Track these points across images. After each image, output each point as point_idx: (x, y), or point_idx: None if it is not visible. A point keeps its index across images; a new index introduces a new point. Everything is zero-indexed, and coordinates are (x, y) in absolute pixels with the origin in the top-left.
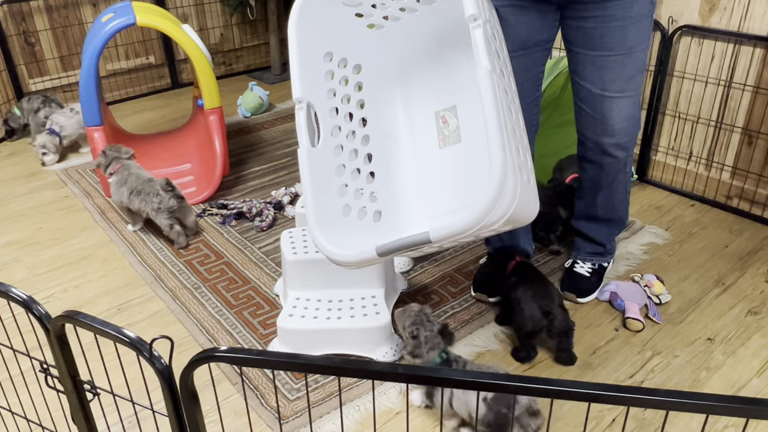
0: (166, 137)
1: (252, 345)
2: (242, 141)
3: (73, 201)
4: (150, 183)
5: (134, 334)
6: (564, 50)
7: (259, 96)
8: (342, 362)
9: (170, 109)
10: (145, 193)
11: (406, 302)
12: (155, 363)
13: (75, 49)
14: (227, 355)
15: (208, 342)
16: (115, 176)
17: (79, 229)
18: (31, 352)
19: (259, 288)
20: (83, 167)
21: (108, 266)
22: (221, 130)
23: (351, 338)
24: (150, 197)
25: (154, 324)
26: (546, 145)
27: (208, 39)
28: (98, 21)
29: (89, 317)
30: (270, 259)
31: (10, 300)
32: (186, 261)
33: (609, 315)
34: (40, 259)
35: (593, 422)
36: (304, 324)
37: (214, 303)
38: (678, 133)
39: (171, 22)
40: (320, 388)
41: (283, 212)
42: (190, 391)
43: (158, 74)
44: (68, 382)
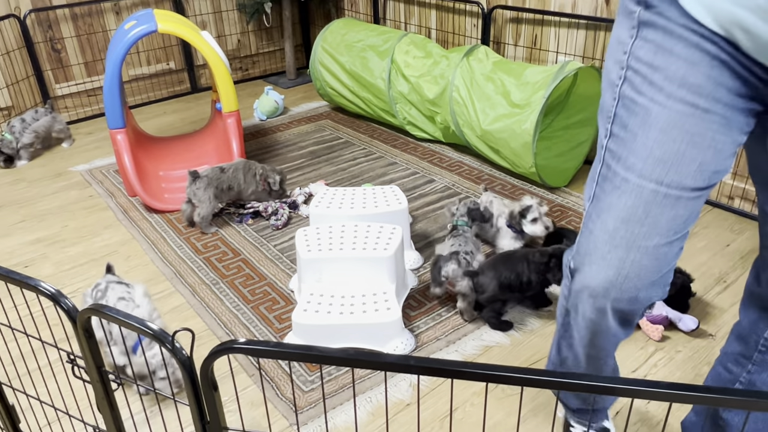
0: (186, 139)
1: (268, 339)
2: (258, 143)
3: (97, 200)
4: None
5: (157, 326)
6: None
7: (275, 100)
8: (356, 354)
9: (190, 113)
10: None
11: (416, 299)
12: (177, 354)
13: (99, 55)
14: (246, 346)
15: (226, 335)
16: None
17: (102, 227)
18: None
19: (275, 284)
20: (107, 168)
21: (130, 262)
22: (238, 132)
23: (363, 332)
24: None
25: (175, 318)
26: (551, 148)
27: (226, 45)
28: (121, 28)
29: (114, 310)
30: (285, 257)
31: (39, 294)
32: (205, 258)
33: None
34: (66, 255)
35: None
36: (318, 319)
37: (232, 298)
38: None
39: (190, 29)
40: (333, 380)
41: (297, 211)
42: (210, 381)
43: (178, 79)
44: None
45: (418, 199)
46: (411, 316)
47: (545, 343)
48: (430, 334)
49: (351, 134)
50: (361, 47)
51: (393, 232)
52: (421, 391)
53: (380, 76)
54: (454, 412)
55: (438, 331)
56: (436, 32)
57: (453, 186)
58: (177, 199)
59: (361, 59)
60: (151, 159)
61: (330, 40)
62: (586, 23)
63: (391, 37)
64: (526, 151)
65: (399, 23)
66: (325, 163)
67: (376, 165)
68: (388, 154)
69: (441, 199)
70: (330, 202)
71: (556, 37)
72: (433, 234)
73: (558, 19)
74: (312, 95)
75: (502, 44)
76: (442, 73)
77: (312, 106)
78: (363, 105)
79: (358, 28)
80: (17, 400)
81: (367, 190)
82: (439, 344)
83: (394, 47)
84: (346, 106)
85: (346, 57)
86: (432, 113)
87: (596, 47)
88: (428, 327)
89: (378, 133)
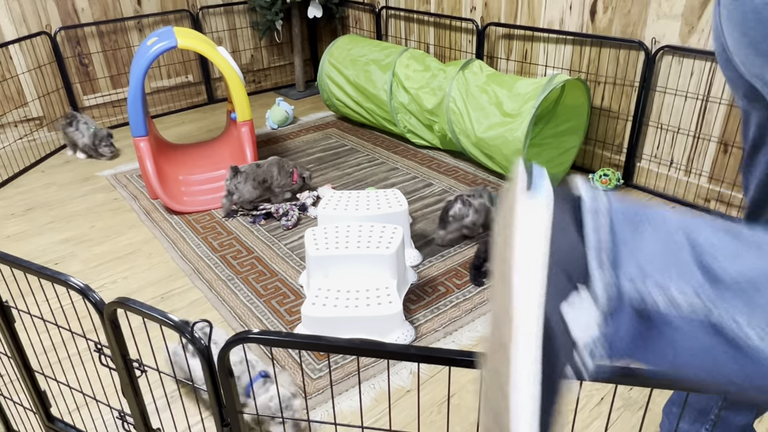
0: (203, 146)
1: (279, 330)
2: (270, 150)
3: (121, 203)
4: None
5: (178, 318)
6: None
7: (285, 110)
8: (361, 343)
9: (206, 122)
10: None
11: (416, 293)
12: (196, 343)
13: (123, 69)
14: (260, 336)
15: (240, 327)
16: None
17: (126, 227)
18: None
19: (286, 279)
20: (131, 173)
21: (152, 260)
22: (252, 140)
23: (367, 324)
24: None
25: (193, 311)
26: (541, 154)
27: (240, 60)
28: (144, 44)
29: (138, 303)
30: (295, 254)
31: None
32: (221, 256)
33: None
34: (92, 253)
35: (583, 401)
36: (325, 311)
37: (246, 293)
38: (660, 143)
39: (208, 45)
40: (340, 368)
41: (306, 213)
42: (227, 368)
43: (196, 91)
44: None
45: (417, 201)
46: (411, 309)
47: None
48: (429, 326)
49: (356, 141)
50: (365, 61)
51: (394, 232)
52: (421, 378)
53: (382, 88)
54: (451, 398)
55: (436, 323)
56: (434, 47)
57: (450, 189)
58: (195, 201)
59: (365, 72)
60: (171, 164)
61: (336, 54)
62: (572, 39)
63: (393, 52)
64: (518, 157)
65: (400, 39)
66: (331, 168)
67: (378, 170)
68: (390, 160)
69: (438, 201)
70: (336, 204)
71: (545, 52)
72: (431, 233)
73: (547, 35)
74: (319, 106)
75: (495, 58)
76: (440, 85)
77: (319, 116)
78: (367, 115)
79: (362, 43)
80: (49, 387)
81: (371, 193)
82: (437, 335)
83: (395, 61)
84: (351, 115)
85: (351, 70)
86: (430, 122)
87: (582, 61)
88: (427, 319)
89: (380, 141)
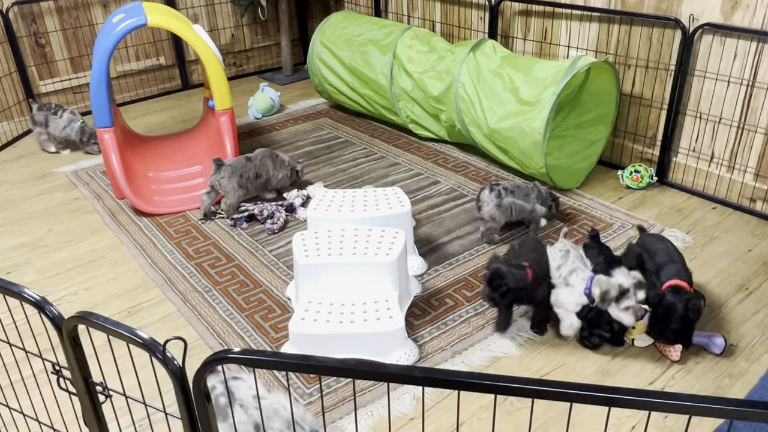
0: (177, 139)
1: (263, 348)
2: (253, 142)
3: (83, 203)
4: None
5: (147, 335)
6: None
7: (270, 97)
8: (357, 364)
9: (181, 111)
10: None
11: (420, 307)
12: (168, 364)
13: (85, 50)
14: (241, 356)
15: (219, 345)
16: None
17: (89, 231)
18: (43, 353)
19: (271, 291)
20: (93, 169)
21: (118, 269)
22: (232, 131)
23: (364, 342)
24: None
25: (165, 327)
26: (563, 147)
27: (219, 39)
28: (109, 22)
29: (102, 318)
30: (281, 262)
31: (23, 301)
32: (196, 263)
33: None
34: (50, 261)
35: (612, 429)
36: (316, 328)
37: (225, 306)
38: (699, 134)
39: (182, 23)
40: (333, 392)
41: (294, 215)
42: (203, 392)
43: (169, 75)
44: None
45: (421, 201)
46: (415, 325)
47: (556, 354)
48: (435, 344)
49: (351, 133)
50: (362, 41)
51: (395, 237)
52: (426, 404)
53: (382, 72)
54: (460, 427)
55: (443, 341)
56: (441, 26)
57: (459, 188)
58: (167, 201)
59: (362, 54)
60: (140, 159)
61: (329, 34)
62: (599, 15)
63: (393, 31)
64: (536, 150)
65: (401, 16)
66: (323, 164)
67: (377, 166)
68: (390, 154)
69: (446, 201)
70: (329, 204)
71: (568, 31)
72: (438, 238)
73: (569, 12)
74: (309, 92)
75: (510, 38)
76: (447, 68)
77: (309, 104)
78: (363, 102)
79: (359, 21)
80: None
81: (368, 192)
82: (444, 355)
83: (396, 41)
84: (345, 103)
85: (346, 52)
86: (436, 111)
87: (610, 41)
88: (433, 337)
89: (379, 132)
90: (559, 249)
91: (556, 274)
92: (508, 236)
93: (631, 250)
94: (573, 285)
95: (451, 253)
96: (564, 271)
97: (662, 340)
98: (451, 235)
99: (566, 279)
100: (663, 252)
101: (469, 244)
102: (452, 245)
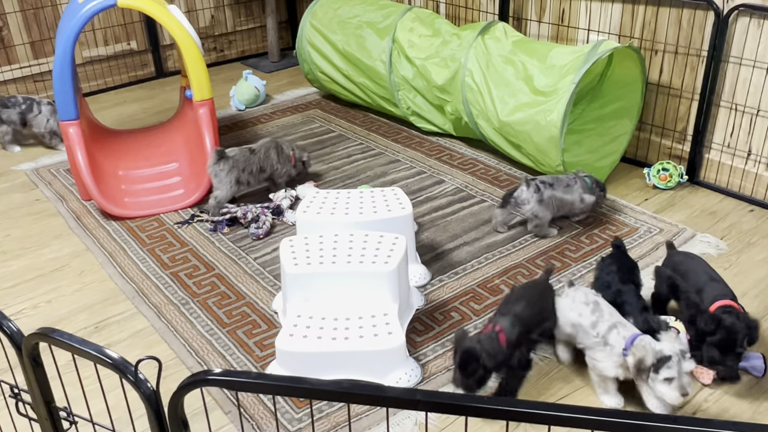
0: (150, 133)
1: (247, 368)
2: (236, 137)
3: (44, 205)
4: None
5: (117, 354)
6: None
7: (255, 86)
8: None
9: (154, 101)
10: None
11: (422, 321)
12: (141, 387)
13: (48, 33)
14: (222, 378)
15: (197, 365)
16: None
17: (51, 236)
18: (0, 374)
19: (255, 304)
20: (57, 167)
21: (84, 279)
22: (212, 124)
23: (360, 362)
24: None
25: (137, 344)
26: (582, 143)
27: (198, 22)
28: (74, 2)
29: (66, 335)
30: (267, 272)
31: None
32: (172, 273)
33: None
34: (7, 270)
35: None
36: (307, 345)
37: (204, 321)
38: (734, 128)
39: (156, 3)
40: (325, 418)
41: (282, 218)
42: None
43: (141, 62)
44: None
45: (424, 203)
46: (416, 342)
47: (573, 376)
48: (439, 364)
49: (345, 127)
50: (357, 24)
51: (395, 243)
52: (430, 430)
53: (379, 58)
54: None
55: (448, 360)
56: (446, 6)
57: (466, 188)
58: (140, 203)
59: (357, 38)
60: (108, 156)
61: (320, 15)
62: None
63: (393, 12)
64: (553, 146)
65: None
66: (315, 161)
67: (374, 163)
68: (389, 150)
69: (452, 203)
70: (320, 206)
71: (588, 12)
72: (442, 244)
73: None
74: (299, 80)
75: (523, 20)
76: (453, 54)
77: (299, 94)
78: (359, 92)
79: (354, 1)
80: None
81: (365, 193)
82: (449, 375)
83: (396, 24)
84: (339, 93)
85: (339, 35)
86: (441, 102)
87: (634, 24)
88: (437, 355)
89: (377, 126)
90: (582, 301)
91: (592, 333)
92: None
93: (660, 274)
94: (613, 345)
95: (457, 261)
96: (602, 328)
97: (718, 367)
98: (457, 241)
99: (605, 338)
100: (699, 271)
101: (477, 251)
102: (459, 252)
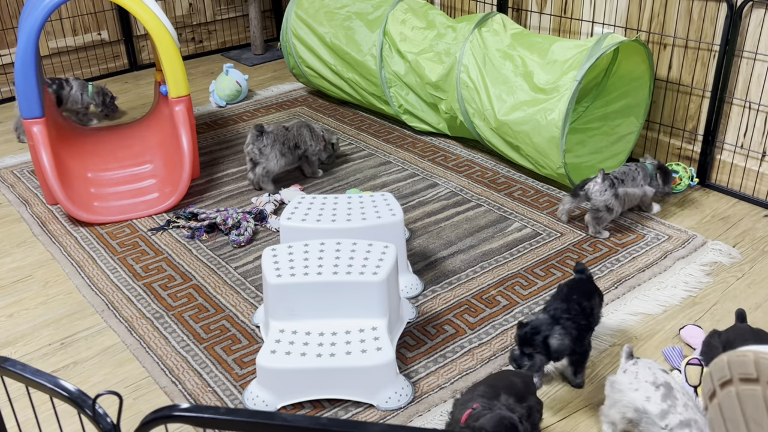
0: (123, 132)
1: (226, 387)
2: (215, 136)
3: (6, 209)
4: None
5: (74, 386)
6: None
7: (236, 81)
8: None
9: (127, 97)
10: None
11: (414, 335)
12: (100, 422)
13: (10, 22)
14: (188, 414)
15: (171, 384)
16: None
17: (13, 244)
18: None
19: (235, 317)
20: (20, 168)
21: (49, 290)
22: (189, 123)
23: (347, 380)
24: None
25: (105, 362)
26: (585, 143)
27: (174, 10)
28: None
29: (19, 365)
30: (249, 282)
31: None
32: (145, 284)
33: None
34: None
35: None
36: (290, 362)
37: (180, 336)
38: (748, 127)
39: None
40: None
41: (265, 224)
42: None
43: (112, 53)
44: None
45: (416, 208)
46: (408, 358)
47: (576, 393)
48: (432, 381)
49: (333, 125)
50: (346, 15)
51: (385, 252)
52: None
53: (369, 53)
54: None
55: (441, 377)
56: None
57: (461, 192)
58: (110, 208)
59: (346, 30)
60: (76, 157)
61: (306, 5)
62: None
63: (384, 3)
64: (553, 147)
65: None
66: None
67: (364, 165)
68: (380, 151)
69: (446, 207)
70: (306, 212)
71: (592, 3)
72: (436, 252)
73: None
74: (284, 75)
75: (523, 11)
76: (448, 48)
77: (284, 89)
78: (348, 89)
79: None
80: None
81: (353, 198)
82: (442, 394)
83: (387, 15)
84: (326, 89)
85: (327, 27)
86: (435, 100)
87: (642, 15)
88: (429, 372)
89: (367, 125)
90: (649, 381)
91: (660, 424)
92: None
93: (711, 350)
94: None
95: (451, 270)
96: (672, 421)
97: None
98: (451, 249)
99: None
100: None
101: (472, 259)
102: (453, 261)
